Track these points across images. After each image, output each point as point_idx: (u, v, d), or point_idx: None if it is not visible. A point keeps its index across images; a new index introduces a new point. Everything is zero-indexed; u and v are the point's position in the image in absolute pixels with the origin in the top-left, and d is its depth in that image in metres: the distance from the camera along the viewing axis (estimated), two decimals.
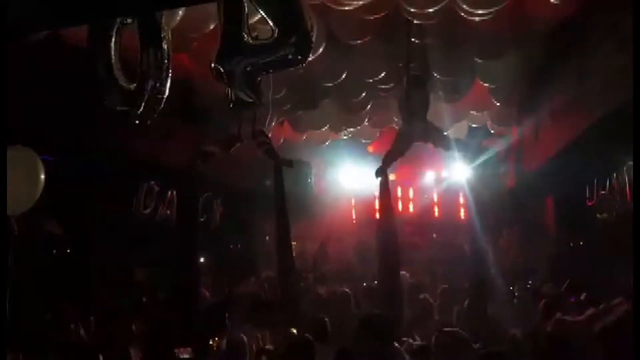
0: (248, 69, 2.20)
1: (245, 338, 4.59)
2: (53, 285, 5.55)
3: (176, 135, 6.27)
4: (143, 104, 2.31)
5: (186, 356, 4.51)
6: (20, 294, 3.60)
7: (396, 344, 3.90)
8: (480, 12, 4.42)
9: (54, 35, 4.02)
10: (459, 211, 9.86)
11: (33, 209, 3.78)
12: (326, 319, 4.68)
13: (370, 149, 9.36)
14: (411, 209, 10.87)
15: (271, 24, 2.18)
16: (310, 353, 3.63)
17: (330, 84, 6.07)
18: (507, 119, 7.31)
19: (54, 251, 6.53)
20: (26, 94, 4.22)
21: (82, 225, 6.20)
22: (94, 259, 6.49)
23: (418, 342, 4.39)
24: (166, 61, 2.34)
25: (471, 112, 7.31)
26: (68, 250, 6.64)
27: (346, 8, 4.35)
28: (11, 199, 3.48)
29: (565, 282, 6.01)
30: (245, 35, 2.22)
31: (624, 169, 5.69)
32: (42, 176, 3.72)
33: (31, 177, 3.69)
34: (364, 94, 6.47)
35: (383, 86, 6.27)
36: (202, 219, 7.50)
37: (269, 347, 4.60)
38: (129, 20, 2.39)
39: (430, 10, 4.37)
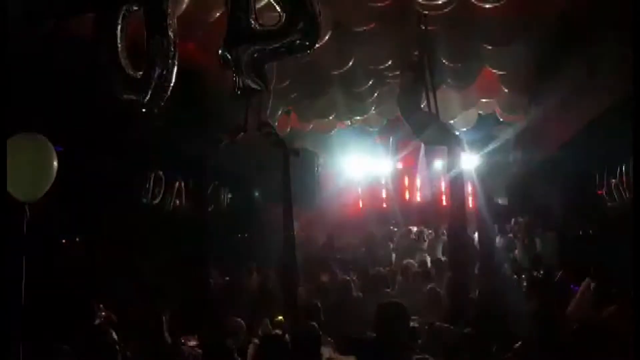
0: (255, 55, 2.18)
1: (243, 323, 4.63)
2: (65, 275, 5.60)
3: (183, 124, 6.26)
4: (150, 92, 2.29)
5: (193, 343, 4.54)
6: (32, 281, 3.62)
7: None
8: None
9: (62, 25, 4.00)
10: (467, 200, 9.79)
11: (45, 196, 3.78)
12: (319, 304, 4.71)
13: (377, 137, 9.32)
14: (418, 197, 10.85)
15: (278, 9, 2.15)
16: (317, 340, 3.64)
17: (336, 72, 6.02)
18: (517, 106, 7.23)
19: (64, 240, 6.60)
20: (39, 84, 4.22)
21: (91, 215, 6.23)
22: (102, 248, 6.53)
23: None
24: (172, 49, 2.31)
25: (480, 99, 7.24)
26: (77, 239, 6.70)
27: None
28: (24, 186, 3.50)
29: (573, 270, 5.98)
30: (252, 22, 2.19)
31: None
32: (55, 163, 3.71)
33: (44, 164, 3.68)
34: (370, 82, 6.41)
35: (390, 74, 6.21)
36: (209, 208, 7.53)
37: (277, 331, 4.63)
38: (135, 8, 2.36)
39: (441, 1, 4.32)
